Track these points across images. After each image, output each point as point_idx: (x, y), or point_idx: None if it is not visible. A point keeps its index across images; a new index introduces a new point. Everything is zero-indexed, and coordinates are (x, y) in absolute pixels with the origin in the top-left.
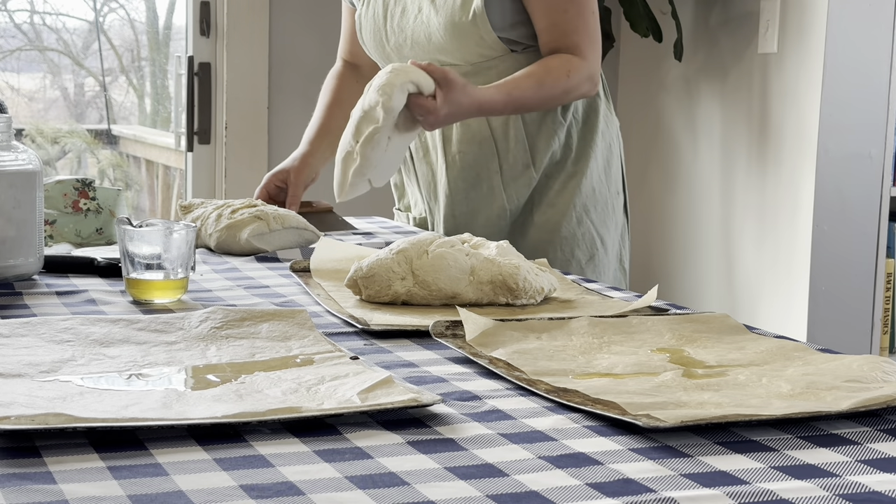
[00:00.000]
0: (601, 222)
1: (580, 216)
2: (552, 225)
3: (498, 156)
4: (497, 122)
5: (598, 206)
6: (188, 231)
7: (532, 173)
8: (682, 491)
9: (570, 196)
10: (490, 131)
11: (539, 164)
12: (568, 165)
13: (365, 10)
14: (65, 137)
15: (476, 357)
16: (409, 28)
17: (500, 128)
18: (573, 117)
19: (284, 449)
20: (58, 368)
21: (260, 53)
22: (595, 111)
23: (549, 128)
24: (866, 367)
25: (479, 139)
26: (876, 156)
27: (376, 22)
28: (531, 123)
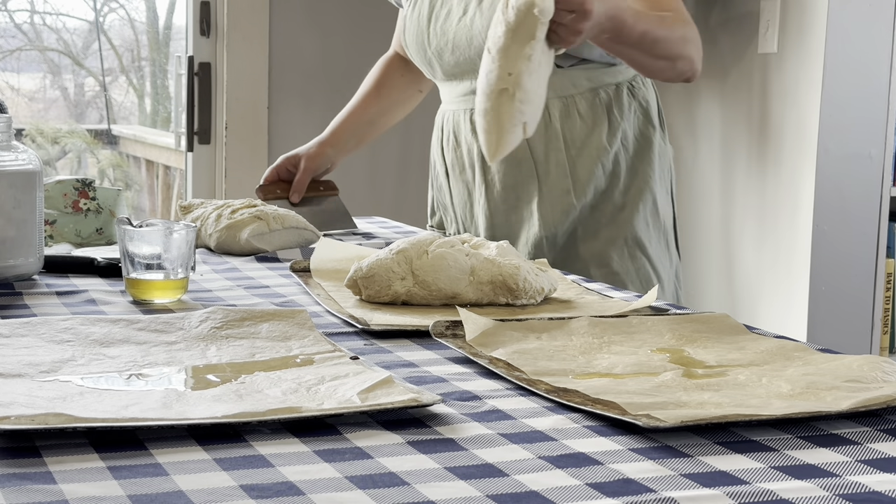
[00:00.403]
0: (657, 258)
1: (633, 251)
2: (601, 259)
3: (538, 179)
4: (537, 144)
5: (653, 241)
6: (188, 231)
7: (572, 200)
8: (682, 491)
9: (620, 229)
10: (530, 152)
11: (580, 191)
12: (616, 196)
13: (410, 11)
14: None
15: (476, 357)
16: (452, 31)
17: (541, 150)
18: (621, 145)
19: (284, 449)
20: (58, 368)
21: (260, 53)
22: (648, 140)
23: (593, 153)
24: (866, 367)
25: (519, 159)
26: (876, 156)
27: (420, 24)
28: (573, 147)
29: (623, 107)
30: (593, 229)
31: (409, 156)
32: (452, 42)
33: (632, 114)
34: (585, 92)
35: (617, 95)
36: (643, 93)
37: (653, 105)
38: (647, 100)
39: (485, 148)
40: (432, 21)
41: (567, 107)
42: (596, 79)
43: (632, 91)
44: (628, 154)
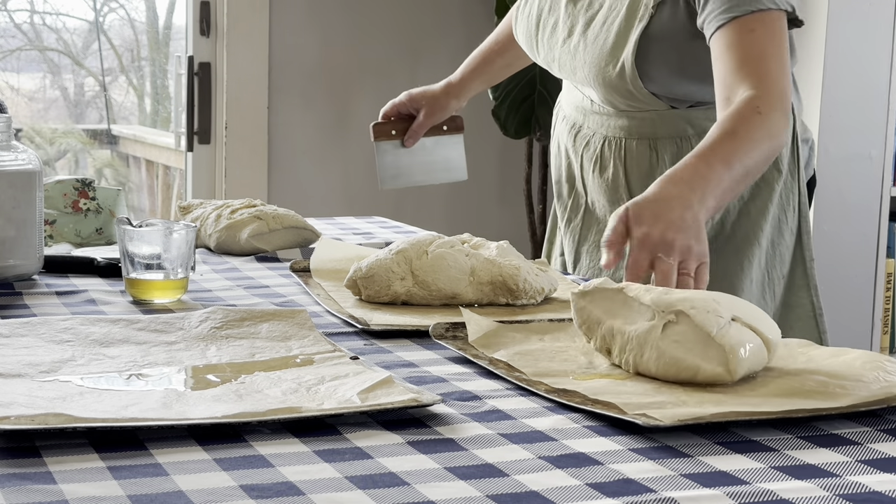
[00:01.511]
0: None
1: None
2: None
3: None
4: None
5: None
6: (188, 231)
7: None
8: (682, 491)
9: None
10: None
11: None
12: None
13: (523, 5)
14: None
15: (476, 358)
16: (557, 50)
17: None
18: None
19: (284, 449)
20: (58, 368)
21: (260, 53)
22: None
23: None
24: (869, 365)
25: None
26: (876, 156)
27: (529, 27)
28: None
29: None
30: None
31: None
32: (559, 62)
33: None
34: (703, 133)
35: None
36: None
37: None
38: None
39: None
40: (540, 29)
41: (680, 149)
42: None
43: None
44: (741, 199)
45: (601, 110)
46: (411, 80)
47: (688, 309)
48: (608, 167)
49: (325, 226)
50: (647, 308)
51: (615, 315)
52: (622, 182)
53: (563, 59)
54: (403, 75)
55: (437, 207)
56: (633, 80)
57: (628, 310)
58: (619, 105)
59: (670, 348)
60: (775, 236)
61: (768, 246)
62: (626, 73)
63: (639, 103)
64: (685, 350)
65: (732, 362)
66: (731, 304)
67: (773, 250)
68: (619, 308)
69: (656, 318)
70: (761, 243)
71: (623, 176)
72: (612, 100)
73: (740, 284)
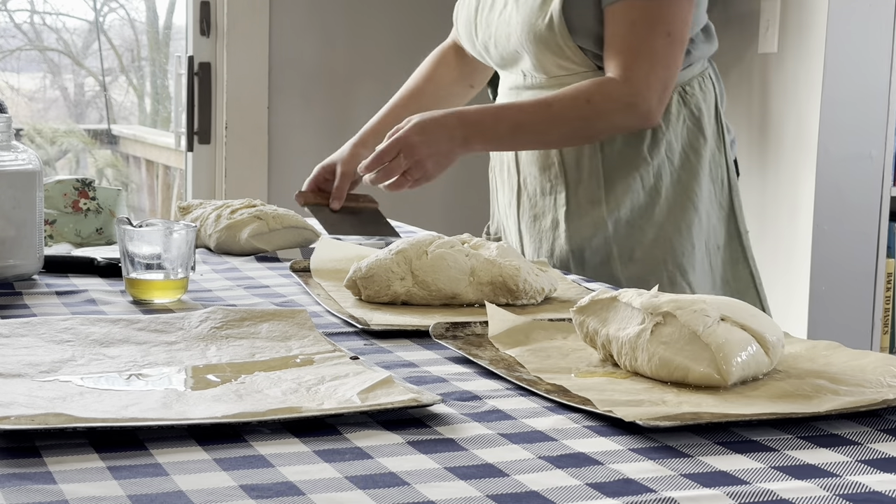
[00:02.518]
0: (698, 284)
1: (673, 276)
2: (639, 283)
3: (566, 186)
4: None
5: (697, 265)
6: (188, 231)
7: (603, 213)
8: (682, 491)
9: (662, 252)
10: (560, 157)
11: (614, 204)
12: (657, 215)
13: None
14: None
15: (475, 358)
16: (494, 24)
17: (573, 154)
18: (666, 157)
19: (284, 449)
20: (58, 368)
21: (260, 53)
22: (697, 154)
23: (631, 164)
24: (880, 369)
25: (548, 164)
26: (876, 156)
27: (469, 13)
28: (609, 155)
29: (671, 115)
30: (629, 250)
31: None
32: (495, 36)
33: (679, 123)
34: None
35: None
36: (697, 99)
37: (707, 113)
38: (699, 107)
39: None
40: (479, 11)
41: None
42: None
43: (682, 98)
44: (673, 168)
45: (534, 83)
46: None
47: (674, 310)
48: None
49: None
50: (637, 312)
51: (609, 322)
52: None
53: (500, 29)
54: (403, 75)
55: (437, 207)
56: (561, 29)
57: (621, 316)
58: (551, 69)
59: (659, 350)
60: (709, 207)
61: (705, 216)
62: (555, 23)
63: (568, 62)
64: (674, 351)
65: (721, 362)
66: (719, 304)
67: (709, 220)
68: (613, 315)
69: (645, 322)
70: (698, 209)
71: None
72: (543, 62)
73: (682, 249)
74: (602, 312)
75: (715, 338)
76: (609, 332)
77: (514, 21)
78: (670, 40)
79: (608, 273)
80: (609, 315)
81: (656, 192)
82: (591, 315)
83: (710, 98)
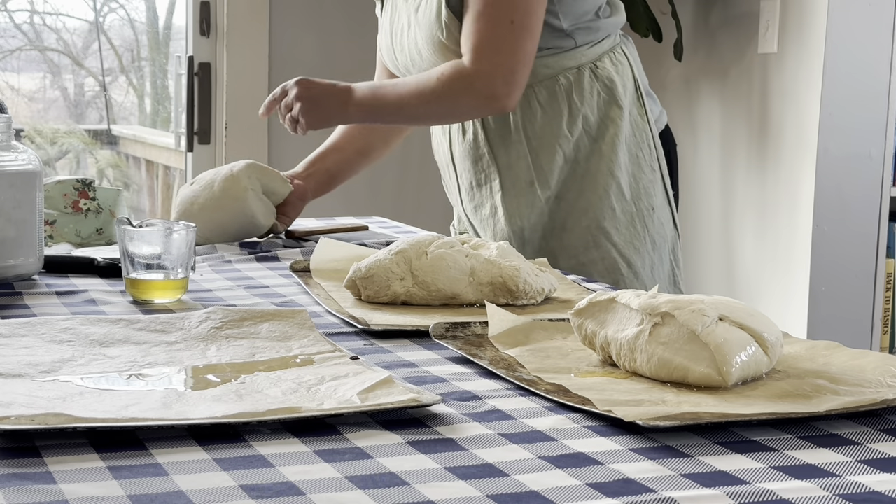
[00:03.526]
0: (626, 243)
1: (597, 239)
2: (570, 251)
3: (499, 173)
4: (496, 138)
5: (622, 226)
6: (188, 231)
7: (537, 191)
8: (682, 491)
9: (587, 219)
10: (489, 147)
11: (544, 182)
12: (580, 185)
13: (381, 23)
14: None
15: (475, 358)
16: (407, 48)
17: (500, 143)
18: (583, 130)
19: (284, 449)
20: (58, 368)
21: (260, 53)
22: (613, 122)
23: (553, 142)
24: (879, 370)
25: (478, 156)
26: (876, 156)
27: (387, 41)
28: (533, 138)
29: (584, 90)
30: (561, 221)
31: (409, 156)
32: (409, 58)
33: (594, 97)
34: (545, 80)
35: (578, 79)
36: (607, 72)
37: (620, 83)
38: (611, 79)
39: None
40: (393, 37)
41: (527, 98)
42: (555, 65)
43: (594, 73)
44: (590, 138)
45: None
46: None
47: (672, 310)
48: (468, 130)
49: (324, 225)
50: (636, 313)
51: (608, 324)
52: (482, 140)
53: (410, 49)
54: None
55: (438, 207)
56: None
57: (619, 317)
58: None
59: (658, 350)
60: (635, 171)
61: (630, 179)
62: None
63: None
64: (673, 351)
65: (721, 362)
66: (718, 304)
67: (637, 183)
68: (611, 317)
69: (644, 322)
70: (616, 175)
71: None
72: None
73: (602, 214)
74: (600, 314)
75: (714, 337)
76: (608, 333)
77: (419, 39)
78: (512, 28)
79: (547, 247)
80: (607, 317)
81: (577, 164)
82: (589, 317)
83: (625, 70)
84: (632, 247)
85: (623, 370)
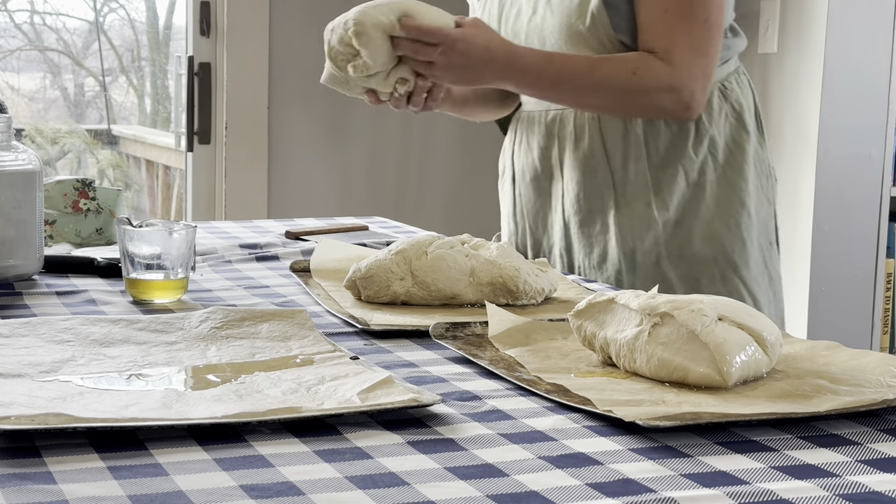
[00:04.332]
0: (752, 280)
1: (724, 273)
2: (691, 283)
3: (615, 189)
4: (615, 152)
5: (751, 262)
6: (188, 231)
7: (653, 213)
8: (682, 491)
9: (711, 250)
10: (606, 161)
11: (662, 204)
12: (703, 212)
13: (480, 11)
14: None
15: (475, 358)
16: (523, 31)
17: (619, 158)
18: (709, 153)
19: (284, 449)
20: (58, 368)
21: (260, 53)
22: (741, 148)
23: (677, 163)
24: (879, 369)
25: (594, 167)
26: (876, 156)
27: (490, 21)
28: (655, 156)
29: (713, 111)
30: (678, 249)
31: (410, 156)
32: (525, 43)
33: (722, 118)
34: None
35: (707, 99)
36: (736, 94)
37: (748, 107)
38: (740, 102)
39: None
40: (502, 22)
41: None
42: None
43: (723, 93)
44: (716, 163)
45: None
46: None
47: (672, 310)
48: (583, 138)
49: (324, 225)
50: (635, 314)
51: (607, 325)
52: (599, 151)
53: (531, 34)
54: None
55: (437, 207)
56: (604, 27)
57: (618, 318)
58: None
59: (658, 350)
60: (758, 201)
61: (756, 210)
62: (596, 20)
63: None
64: (673, 351)
65: (720, 362)
66: (716, 303)
67: (758, 215)
68: (610, 318)
69: (643, 323)
70: (746, 204)
71: (601, 145)
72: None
73: (732, 245)
74: (599, 315)
75: (713, 337)
76: (607, 334)
77: (549, 24)
78: (707, 26)
79: (660, 274)
80: (606, 318)
81: (700, 188)
82: (589, 318)
83: (748, 94)
84: (757, 283)
85: (623, 371)
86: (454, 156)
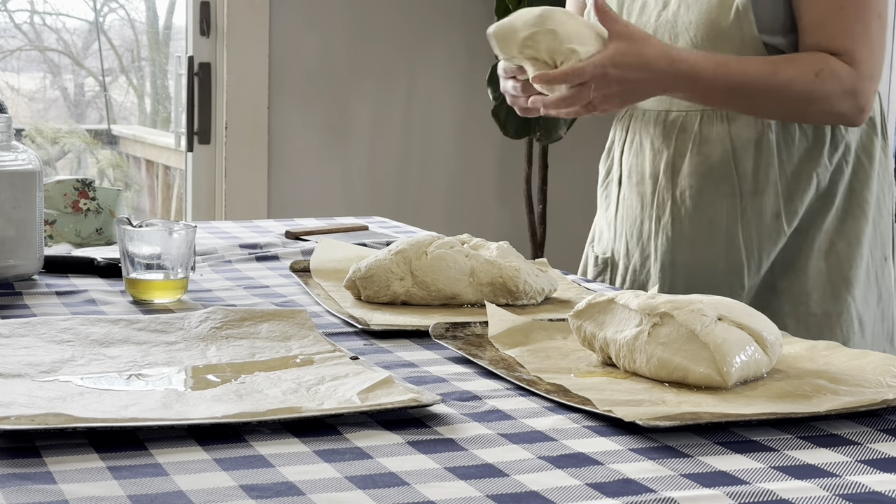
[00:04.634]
0: (862, 298)
1: (837, 289)
2: (799, 297)
3: (741, 197)
4: (745, 158)
5: (861, 278)
6: (188, 231)
7: (783, 226)
8: (682, 491)
9: (827, 263)
10: (734, 167)
11: (792, 214)
12: (829, 223)
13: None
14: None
15: (475, 358)
16: (651, 27)
17: (750, 164)
18: (843, 160)
19: (284, 449)
20: (58, 368)
21: (260, 53)
22: (869, 155)
23: (809, 169)
24: (879, 369)
25: (721, 175)
26: None
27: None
28: (789, 162)
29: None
30: (793, 259)
31: (410, 156)
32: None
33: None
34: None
35: None
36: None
37: (878, 111)
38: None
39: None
40: (623, 17)
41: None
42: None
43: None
44: (847, 171)
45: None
46: (411, 81)
47: (671, 310)
48: (708, 143)
49: (324, 225)
50: (635, 314)
51: (607, 326)
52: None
53: (660, 31)
54: (403, 75)
55: (437, 207)
56: (748, 24)
57: (618, 318)
58: None
59: (658, 350)
60: (879, 212)
61: (874, 225)
62: (741, 16)
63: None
64: (672, 351)
65: (720, 362)
66: (716, 303)
67: (875, 230)
68: (609, 318)
69: (643, 323)
70: (868, 216)
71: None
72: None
73: (851, 261)
74: (599, 315)
75: (713, 337)
76: (607, 335)
77: (685, 20)
78: (881, 22)
79: (770, 283)
80: (606, 318)
81: (828, 198)
82: (588, 319)
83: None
84: (864, 301)
85: (623, 371)
86: (454, 156)
